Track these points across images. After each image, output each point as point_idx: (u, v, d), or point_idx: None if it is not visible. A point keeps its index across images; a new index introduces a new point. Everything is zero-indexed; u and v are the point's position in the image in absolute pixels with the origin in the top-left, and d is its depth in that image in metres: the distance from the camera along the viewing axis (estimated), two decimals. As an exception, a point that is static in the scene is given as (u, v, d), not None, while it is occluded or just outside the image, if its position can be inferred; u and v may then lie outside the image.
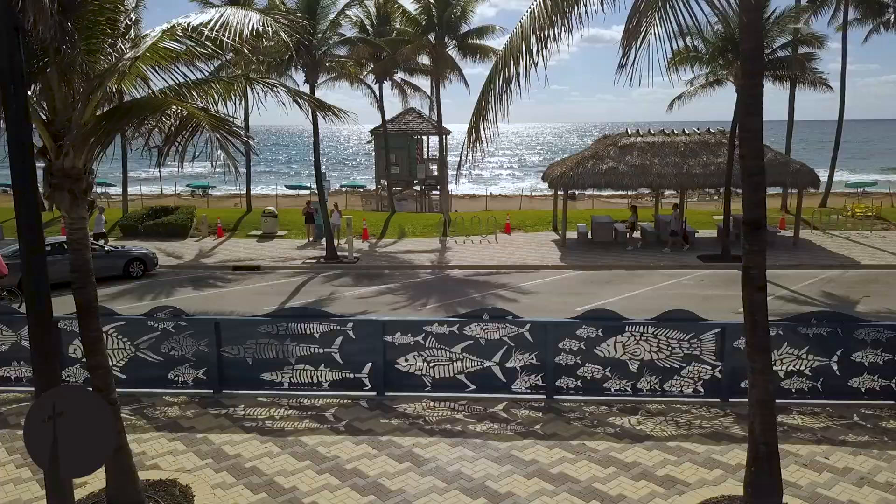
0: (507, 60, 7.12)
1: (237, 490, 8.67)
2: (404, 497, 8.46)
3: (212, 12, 6.75)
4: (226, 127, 6.60)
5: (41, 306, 5.68)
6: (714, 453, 9.42)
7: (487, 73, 7.36)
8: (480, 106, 7.42)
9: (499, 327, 11.20)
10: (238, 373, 11.66)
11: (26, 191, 5.37)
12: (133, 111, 6.58)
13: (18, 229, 5.70)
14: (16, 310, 11.95)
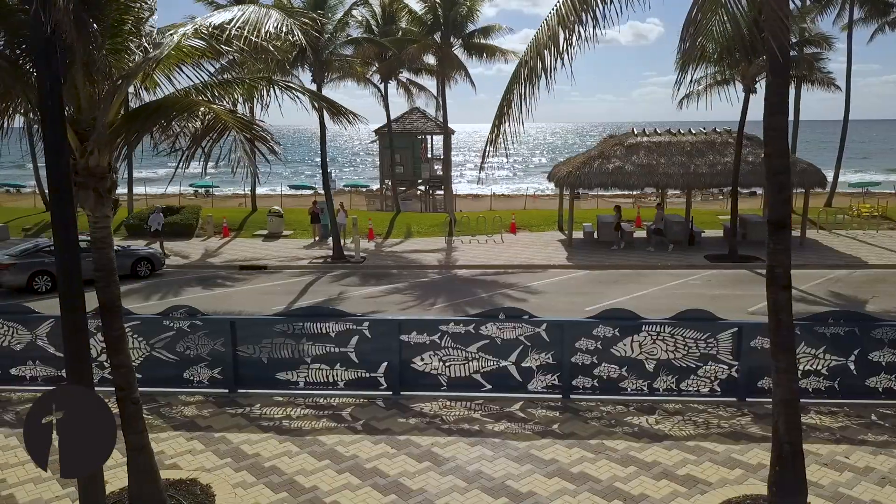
0: (532, 59, 7.10)
1: (258, 489, 8.66)
2: (426, 496, 8.45)
3: (234, 10, 6.73)
4: (252, 130, 6.58)
5: (75, 305, 5.66)
6: (734, 453, 9.41)
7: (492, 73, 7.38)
8: (504, 105, 7.40)
9: (515, 327, 11.20)
10: (253, 372, 11.65)
11: (62, 190, 5.35)
12: (161, 111, 6.56)
13: (54, 229, 5.68)
14: (31, 309, 11.91)
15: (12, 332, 11.73)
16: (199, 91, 7.78)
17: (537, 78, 7.03)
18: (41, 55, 4.98)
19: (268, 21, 6.59)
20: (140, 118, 6.61)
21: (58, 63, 5.08)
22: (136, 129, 6.58)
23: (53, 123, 5.13)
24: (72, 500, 8.44)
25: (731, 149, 27.09)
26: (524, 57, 7.33)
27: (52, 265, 20.97)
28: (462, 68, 31.26)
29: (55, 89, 5.09)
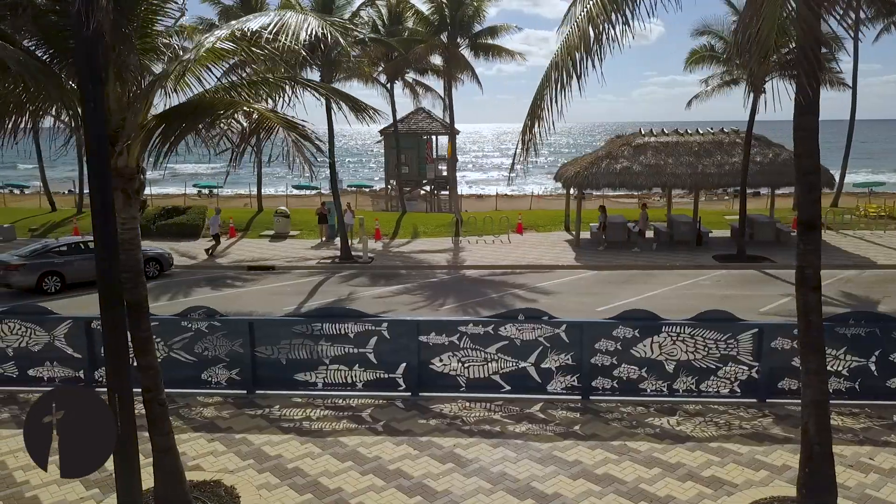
0: (563, 60, 7.09)
1: (282, 491, 8.64)
2: (451, 498, 8.43)
3: (271, 15, 6.68)
4: (297, 129, 6.56)
5: (115, 306, 5.64)
6: (757, 454, 9.39)
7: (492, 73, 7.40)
8: (535, 106, 7.39)
9: (534, 328, 11.17)
10: (271, 373, 11.63)
11: (103, 190, 5.32)
12: (200, 111, 6.54)
13: (94, 229, 5.65)
14: (48, 310, 11.88)
15: (30, 332, 11.70)
16: (225, 90, 7.76)
17: (569, 78, 7.02)
18: (83, 55, 4.95)
19: (307, 27, 6.55)
20: (174, 119, 6.58)
21: (99, 63, 5.05)
22: (175, 129, 6.55)
23: (95, 124, 5.10)
24: (97, 502, 8.42)
25: (738, 149, 27.08)
26: (554, 58, 7.31)
27: (61, 266, 20.99)
28: (469, 68, 31.23)
29: (97, 90, 5.07)
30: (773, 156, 26.80)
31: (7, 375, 11.86)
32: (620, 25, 6.84)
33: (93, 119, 5.09)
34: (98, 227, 5.39)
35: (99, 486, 8.78)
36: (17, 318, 11.73)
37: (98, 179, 5.22)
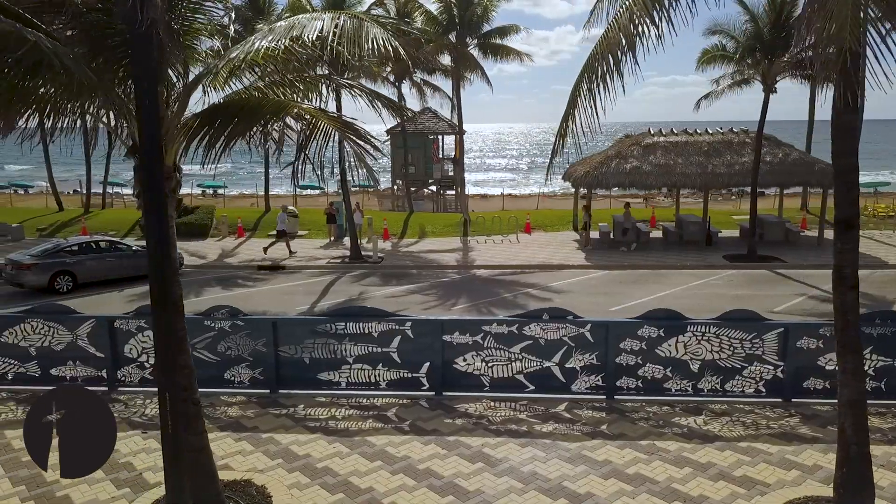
0: (603, 57, 7.08)
1: (314, 490, 8.62)
2: (484, 497, 8.41)
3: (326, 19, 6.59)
4: (353, 129, 6.54)
5: (166, 305, 5.62)
6: (787, 454, 9.37)
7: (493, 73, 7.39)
8: (572, 103, 7.38)
9: (559, 327, 11.16)
10: (295, 372, 11.61)
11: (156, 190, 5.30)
12: (246, 112, 6.50)
13: (147, 227, 5.63)
14: (71, 309, 11.86)
15: (52, 332, 11.68)
16: (261, 91, 7.75)
17: (610, 76, 7.01)
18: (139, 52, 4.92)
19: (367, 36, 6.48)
20: (219, 118, 6.54)
21: (154, 61, 5.03)
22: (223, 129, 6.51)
23: (150, 122, 5.08)
24: (128, 501, 8.39)
25: (748, 149, 27.09)
26: (592, 57, 7.30)
27: (73, 265, 20.97)
28: (478, 68, 31.21)
29: (152, 88, 5.05)
30: (783, 156, 26.79)
31: (30, 375, 11.83)
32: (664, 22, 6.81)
33: (147, 117, 5.06)
34: (151, 224, 5.37)
35: (130, 486, 8.76)
36: (40, 317, 11.69)
37: (151, 178, 5.19)
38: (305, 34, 6.29)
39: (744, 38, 23.00)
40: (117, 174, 45.82)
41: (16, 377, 11.85)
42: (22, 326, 11.68)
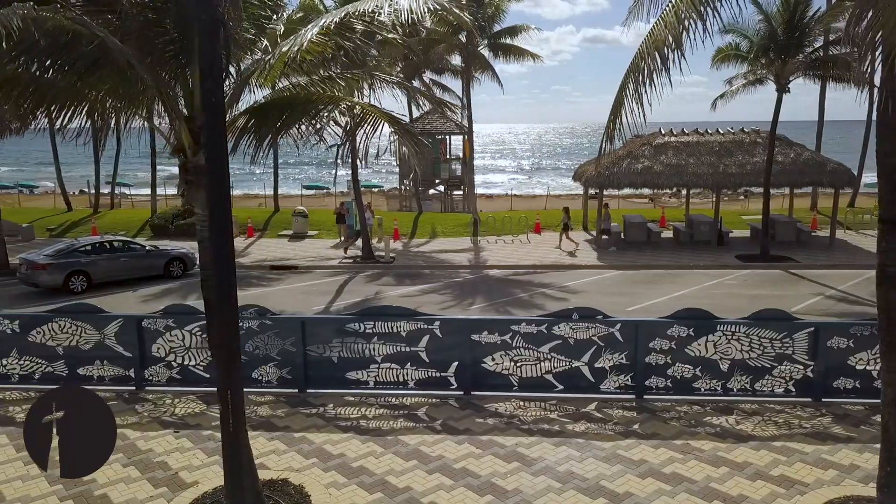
0: (650, 54, 7.08)
1: (352, 490, 8.60)
2: (522, 497, 8.40)
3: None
4: (401, 125, 6.53)
5: (228, 304, 5.60)
6: (822, 453, 9.36)
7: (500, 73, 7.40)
8: (618, 102, 7.38)
9: (588, 327, 11.14)
10: (323, 372, 11.60)
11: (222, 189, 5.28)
12: (295, 107, 6.49)
13: (211, 224, 5.61)
14: (99, 308, 11.83)
15: (80, 331, 11.66)
16: (304, 87, 7.73)
17: (658, 73, 7.01)
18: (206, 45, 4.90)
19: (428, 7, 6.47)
20: (267, 114, 6.53)
21: (220, 56, 5.01)
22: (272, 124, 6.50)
23: (215, 119, 5.06)
24: (167, 501, 8.38)
25: (759, 148, 27.09)
26: (638, 56, 7.29)
27: (87, 265, 20.96)
28: (489, 68, 31.18)
29: (218, 83, 5.03)
30: (795, 156, 26.78)
31: (57, 374, 11.81)
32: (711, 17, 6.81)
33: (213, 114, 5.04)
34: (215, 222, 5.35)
35: (167, 485, 8.74)
36: (68, 317, 11.68)
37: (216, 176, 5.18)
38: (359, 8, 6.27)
39: (757, 38, 22.98)
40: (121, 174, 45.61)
41: (43, 377, 11.84)
42: (49, 326, 11.67)
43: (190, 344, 11.61)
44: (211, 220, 5.43)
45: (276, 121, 6.54)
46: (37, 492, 8.55)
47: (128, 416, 10.81)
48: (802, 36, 22.49)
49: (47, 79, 5.46)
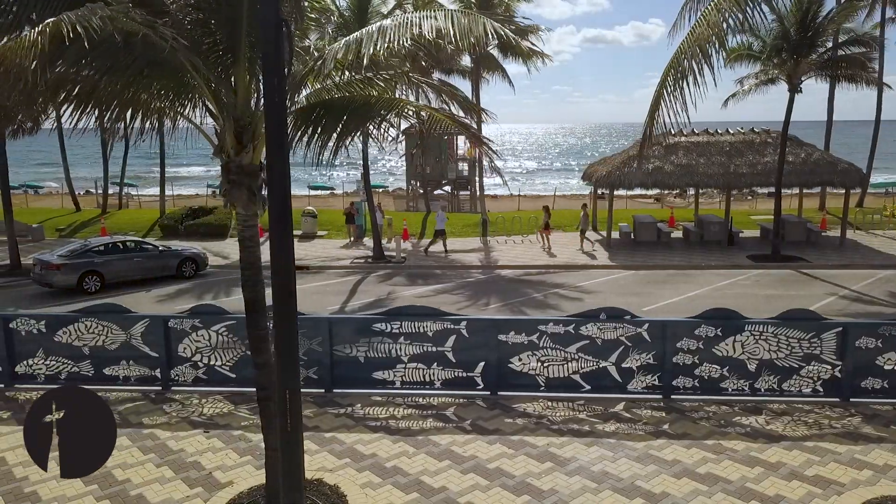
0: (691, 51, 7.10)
1: (387, 490, 8.60)
2: (559, 497, 8.39)
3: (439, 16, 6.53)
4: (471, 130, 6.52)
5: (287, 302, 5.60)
6: (855, 453, 9.36)
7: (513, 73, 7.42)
8: (656, 100, 7.40)
9: (616, 327, 11.14)
10: (349, 372, 11.59)
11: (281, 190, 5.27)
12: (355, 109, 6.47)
13: (271, 224, 5.60)
14: (126, 308, 11.82)
15: (106, 331, 11.65)
16: (340, 88, 7.73)
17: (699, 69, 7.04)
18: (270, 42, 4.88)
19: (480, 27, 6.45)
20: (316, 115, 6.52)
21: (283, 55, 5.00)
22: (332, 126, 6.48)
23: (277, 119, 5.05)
24: (203, 501, 8.37)
25: (770, 148, 27.13)
26: (678, 53, 7.31)
27: (101, 265, 20.95)
28: (499, 68, 31.18)
29: (282, 83, 5.02)
30: (806, 155, 26.80)
31: (83, 374, 11.80)
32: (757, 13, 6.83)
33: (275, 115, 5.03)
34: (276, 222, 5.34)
35: (202, 485, 8.73)
36: (94, 317, 11.66)
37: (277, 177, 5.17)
38: (425, 30, 6.26)
39: (770, 38, 22.99)
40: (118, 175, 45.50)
41: (69, 377, 11.83)
42: (76, 326, 11.65)
43: (216, 344, 11.61)
44: (271, 221, 5.41)
45: (335, 123, 6.52)
46: (72, 492, 8.54)
47: (156, 417, 10.80)
48: (815, 36, 22.50)
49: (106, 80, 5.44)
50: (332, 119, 6.61)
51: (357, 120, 6.63)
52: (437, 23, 6.36)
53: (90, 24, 4.25)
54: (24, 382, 11.96)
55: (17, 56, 4.08)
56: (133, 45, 5.09)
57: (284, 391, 5.69)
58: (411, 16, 6.53)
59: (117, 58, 5.11)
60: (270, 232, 5.79)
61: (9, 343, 11.77)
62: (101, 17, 4.35)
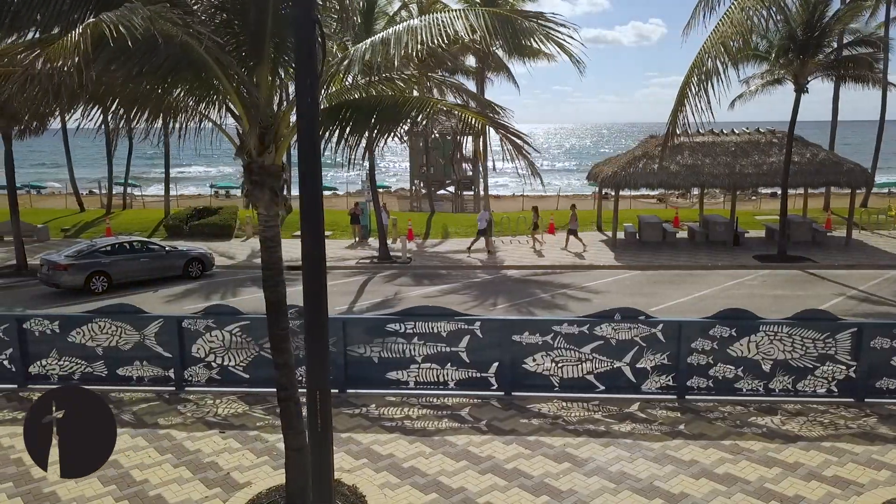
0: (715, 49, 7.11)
1: (406, 490, 8.59)
2: (578, 497, 8.38)
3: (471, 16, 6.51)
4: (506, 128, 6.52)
5: (320, 307, 5.59)
6: (873, 454, 9.36)
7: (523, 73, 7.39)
8: (679, 101, 7.40)
9: (631, 327, 11.13)
10: (363, 372, 11.58)
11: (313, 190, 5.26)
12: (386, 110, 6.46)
13: (303, 225, 5.59)
14: (140, 309, 11.81)
15: (120, 332, 11.64)
16: (360, 88, 7.72)
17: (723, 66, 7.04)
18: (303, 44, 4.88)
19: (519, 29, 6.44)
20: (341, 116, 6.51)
21: (316, 55, 5.00)
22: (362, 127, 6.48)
23: (310, 117, 5.04)
24: (222, 501, 8.36)
25: (775, 149, 27.12)
26: (702, 52, 7.31)
27: (108, 266, 20.94)
28: (504, 69, 31.14)
29: (314, 83, 5.01)
30: (811, 156, 26.79)
31: (97, 374, 11.79)
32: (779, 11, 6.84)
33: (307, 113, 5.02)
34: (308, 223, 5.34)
35: (220, 486, 8.73)
36: (108, 317, 11.66)
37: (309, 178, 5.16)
38: (459, 29, 6.25)
39: (776, 38, 22.98)
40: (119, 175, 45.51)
41: (82, 377, 11.81)
42: (89, 326, 11.64)
43: (230, 344, 11.60)
44: (303, 221, 5.41)
45: (364, 123, 6.51)
46: (91, 492, 8.54)
47: (171, 417, 10.79)
48: (822, 36, 22.49)
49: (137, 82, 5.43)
50: (361, 119, 6.60)
51: (387, 119, 6.62)
52: (470, 22, 6.34)
53: (132, 24, 4.24)
54: (38, 383, 11.95)
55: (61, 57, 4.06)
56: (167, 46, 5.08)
57: (315, 392, 5.68)
58: (441, 16, 6.51)
59: (149, 58, 5.10)
60: (302, 232, 5.78)
61: (22, 344, 11.76)
62: (142, 17, 4.34)
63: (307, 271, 5.64)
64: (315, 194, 5.31)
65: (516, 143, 6.72)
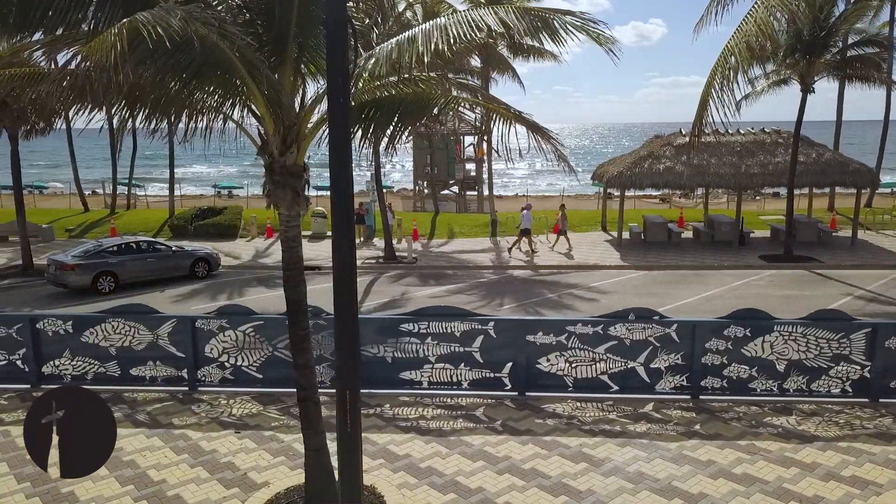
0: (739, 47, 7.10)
1: (424, 490, 8.58)
2: (597, 498, 8.37)
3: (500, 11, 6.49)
4: (531, 123, 6.51)
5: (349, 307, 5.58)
6: (890, 454, 9.35)
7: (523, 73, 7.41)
8: (703, 102, 7.39)
9: (645, 327, 11.13)
10: (376, 372, 11.57)
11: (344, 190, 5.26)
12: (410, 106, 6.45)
13: (334, 227, 5.59)
14: (153, 309, 11.80)
15: (133, 332, 11.63)
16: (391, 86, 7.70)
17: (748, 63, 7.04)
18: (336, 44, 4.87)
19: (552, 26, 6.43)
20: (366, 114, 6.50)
21: (347, 56, 4.99)
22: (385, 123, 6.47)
23: (341, 117, 5.03)
24: (241, 501, 8.35)
25: (781, 149, 27.14)
26: (725, 52, 7.31)
27: (115, 266, 20.93)
28: (509, 68, 31.14)
29: (346, 83, 5.00)
30: (817, 156, 26.80)
31: (109, 375, 11.79)
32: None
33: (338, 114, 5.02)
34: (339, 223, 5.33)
35: (238, 486, 8.71)
36: (121, 317, 11.65)
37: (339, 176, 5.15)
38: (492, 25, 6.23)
39: (784, 39, 22.95)
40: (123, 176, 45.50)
41: (95, 377, 11.81)
42: (103, 326, 11.63)
43: (243, 344, 11.59)
44: (334, 220, 5.41)
45: (387, 120, 6.51)
46: (109, 492, 8.52)
47: (186, 417, 10.78)
48: (828, 36, 22.48)
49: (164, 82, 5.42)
50: (385, 117, 6.60)
51: (411, 117, 6.62)
52: (500, 16, 6.32)
53: (170, 25, 4.23)
54: (51, 383, 11.93)
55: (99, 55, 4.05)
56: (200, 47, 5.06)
57: (344, 392, 5.67)
58: (471, 13, 6.49)
59: (177, 59, 5.09)
60: (333, 231, 5.77)
61: (36, 344, 11.75)
62: (180, 19, 4.33)
63: (338, 273, 5.64)
64: (347, 194, 5.30)
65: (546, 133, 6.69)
